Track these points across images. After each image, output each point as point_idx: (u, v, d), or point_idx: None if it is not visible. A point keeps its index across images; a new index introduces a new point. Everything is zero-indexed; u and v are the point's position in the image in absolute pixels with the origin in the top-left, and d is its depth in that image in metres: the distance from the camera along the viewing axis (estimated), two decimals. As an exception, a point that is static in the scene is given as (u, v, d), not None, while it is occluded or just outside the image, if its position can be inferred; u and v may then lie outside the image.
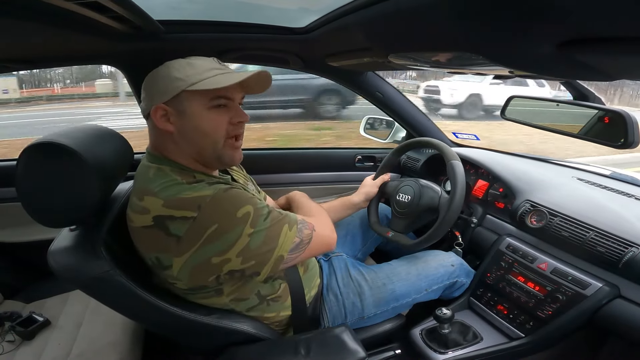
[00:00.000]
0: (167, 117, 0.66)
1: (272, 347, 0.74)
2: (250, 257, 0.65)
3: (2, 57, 0.93)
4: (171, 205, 0.61)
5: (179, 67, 0.65)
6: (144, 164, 0.70)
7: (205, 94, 0.65)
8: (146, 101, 0.67)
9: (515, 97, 1.09)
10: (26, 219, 0.63)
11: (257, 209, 0.65)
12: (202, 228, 0.60)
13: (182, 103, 0.65)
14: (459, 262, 1.06)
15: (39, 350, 0.90)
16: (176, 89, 0.64)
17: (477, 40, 0.52)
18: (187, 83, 0.63)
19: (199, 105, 0.65)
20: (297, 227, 0.71)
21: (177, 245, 0.61)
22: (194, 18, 1.01)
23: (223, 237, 0.61)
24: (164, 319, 0.67)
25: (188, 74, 0.64)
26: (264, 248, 0.65)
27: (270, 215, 0.67)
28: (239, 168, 0.93)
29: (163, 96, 0.65)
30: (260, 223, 0.65)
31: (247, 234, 0.63)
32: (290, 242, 0.69)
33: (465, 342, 0.96)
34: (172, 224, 0.60)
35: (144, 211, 0.63)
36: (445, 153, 1.03)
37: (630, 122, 0.79)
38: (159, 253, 0.64)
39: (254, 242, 0.64)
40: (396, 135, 1.61)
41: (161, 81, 0.65)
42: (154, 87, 0.66)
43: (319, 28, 0.93)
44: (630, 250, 0.79)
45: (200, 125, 0.66)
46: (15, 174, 0.58)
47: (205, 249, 0.61)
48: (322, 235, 0.78)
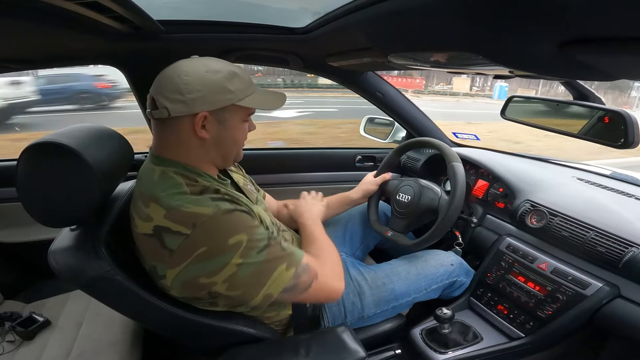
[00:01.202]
0: (203, 124, 0.65)
1: (272, 347, 0.74)
2: (236, 286, 0.63)
3: (1, 57, 0.93)
4: (171, 218, 0.60)
5: (230, 78, 0.64)
6: (148, 167, 0.68)
7: (246, 109, 0.69)
8: (180, 104, 0.62)
9: (515, 97, 1.09)
10: (26, 219, 0.63)
11: (253, 240, 0.62)
12: (192, 247, 0.59)
13: (225, 114, 0.66)
14: (458, 262, 1.06)
15: (39, 351, 0.90)
16: (227, 101, 0.65)
17: (477, 40, 0.52)
18: (238, 97, 0.66)
19: (239, 118, 0.69)
20: (296, 271, 0.67)
21: (169, 258, 0.61)
22: (194, 18, 1.02)
23: (210, 260, 0.60)
24: (164, 319, 0.67)
25: (238, 87, 0.66)
26: (252, 281, 0.63)
27: (267, 249, 0.64)
28: (237, 169, 0.93)
29: (211, 105, 0.63)
30: (252, 255, 0.62)
31: (235, 263, 0.61)
32: (283, 283, 0.65)
33: (465, 342, 0.96)
34: (167, 236, 0.60)
35: (147, 219, 0.62)
36: (446, 154, 1.03)
37: (631, 122, 0.79)
38: (155, 262, 0.64)
39: (242, 272, 0.61)
40: (396, 135, 1.61)
41: (212, 89, 0.63)
42: (200, 93, 0.62)
43: (319, 28, 0.93)
44: (630, 250, 0.79)
45: (236, 135, 0.70)
46: (16, 174, 0.58)
47: (194, 268, 0.61)
48: (324, 285, 0.72)
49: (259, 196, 0.91)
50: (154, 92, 0.64)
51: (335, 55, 1.05)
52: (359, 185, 1.18)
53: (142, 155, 1.34)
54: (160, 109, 0.62)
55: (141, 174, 0.70)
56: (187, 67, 0.63)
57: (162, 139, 0.67)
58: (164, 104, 0.62)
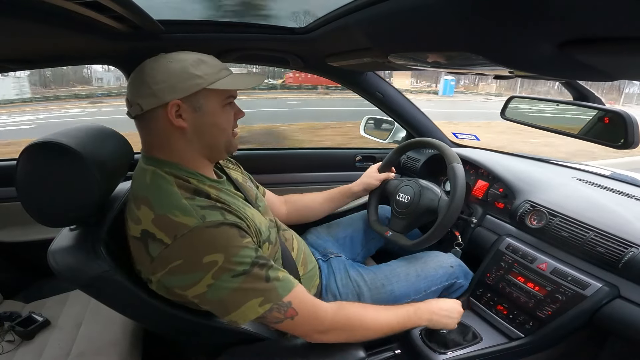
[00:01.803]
0: (179, 114, 0.64)
1: (271, 347, 0.73)
2: (205, 304, 0.62)
3: (1, 57, 0.93)
4: (158, 224, 0.60)
5: (194, 64, 0.64)
6: (140, 167, 0.68)
7: (221, 93, 0.67)
8: (149, 97, 0.62)
9: (515, 97, 1.09)
10: (26, 219, 0.63)
11: (230, 262, 0.58)
12: (169, 258, 0.59)
13: (199, 100, 0.65)
14: (457, 264, 1.06)
15: (39, 350, 0.90)
16: (197, 86, 0.63)
17: (477, 40, 0.52)
18: (207, 81, 0.64)
19: (216, 103, 0.67)
20: (271, 307, 0.62)
21: (150, 265, 0.61)
22: (194, 18, 1.01)
23: (184, 276, 0.59)
24: (163, 319, 0.67)
25: (207, 72, 0.65)
26: (219, 305, 0.61)
27: (244, 276, 0.59)
28: (235, 166, 0.93)
29: (180, 93, 0.63)
30: (225, 279, 0.58)
31: (206, 284, 0.58)
32: (252, 315, 0.61)
33: (465, 342, 0.96)
34: (151, 242, 0.60)
35: (137, 221, 0.62)
36: (446, 155, 1.03)
37: (630, 122, 0.79)
38: (140, 266, 0.64)
39: (210, 294, 0.59)
40: (396, 135, 1.61)
41: (177, 77, 0.62)
42: (165, 83, 0.62)
43: (319, 28, 0.93)
44: (630, 250, 0.79)
45: (217, 121, 0.69)
46: (15, 173, 0.58)
47: (169, 279, 0.60)
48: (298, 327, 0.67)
49: (258, 193, 0.90)
50: (128, 95, 0.66)
51: (335, 55, 1.05)
52: (362, 177, 1.18)
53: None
54: (134, 105, 0.64)
55: (134, 175, 0.70)
56: (152, 62, 0.65)
57: (147, 138, 0.68)
58: (136, 100, 0.63)
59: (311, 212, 1.14)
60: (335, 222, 1.21)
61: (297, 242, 0.94)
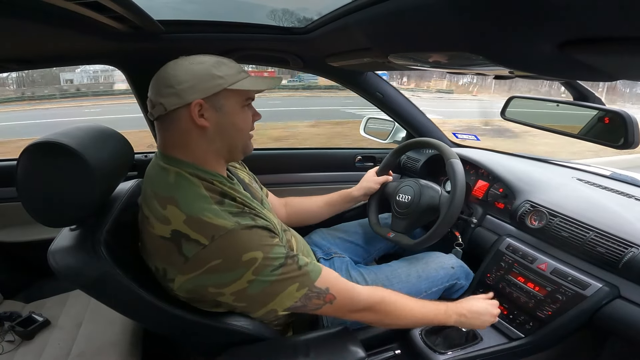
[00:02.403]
0: (201, 113, 0.66)
1: (271, 347, 0.73)
2: (243, 299, 0.65)
3: (1, 57, 0.93)
4: (191, 224, 0.61)
5: (216, 65, 0.66)
6: (159, 165, 0.68)
7: (241, 93, 0.70)
8: (173, 97, 0.64)
9: (515, 97, 1.09)
10: (26, 219, 0.63)
11: (268, 258, 0.62)
12: (207, 258, 0.60)
13: (220, 100, 0.67)
14: (458, 264, 1.06)
15: (39, 350, 0.90)
16: (218, 86, 0.66)
17: (477, 40, 0.52)
18: (228, 82, 0.66)
19: (236, 103, 0.70)
20: (308, 293, 0.67)
21: (183, 265, 0.61)
22: (194, 18, 1.01)
23: (223, 274, 0.61)
24: (164, 319, 0.67)
25: (227, 73, 0.67)
26: (259, 298, 0.65)
27: (282, 268, 0.64)
28: (241, 166, 0.94)
29: (202, 93, 0.65)
30: (266, 273, 0.63)
31: (247, 280, 0.62)
32: (290, 301, 0.66)
33: (465, 342, 0.96)
34: (186, 243, 0.61)
35: (165, 221, 0.62)
36: (443, 152, 1.03)
37: (630, 122, 0.79)
38: (166, 265, 0.64)
39: (251, 289, 0.63)
40: (396, 135, 1.61)
41: (199, 77, 0.65)
42: (188, 83, 0.64)
43: (319, 28, 0.93)
44: (630, 250, 0.79)
45: (237, 121, 0.71)
46: (15, 173, 0.58)
47: (205, 278, 0.62)
48: (337, 310, 0.72)
49: (262, 194, 0.91)
50: (150, 95, 0.67)
51: (335, 55, 1.05)
52: (360, 182, 1.18)
53: (142, 155, 1.34)
54: (157, 106, 0.65)
55: (151, 173, 0.70)
56: (174, 64, 0.67)
57: (167, 137, 0.69)
58: (159, 100, 0.65)
59: (311, 215, 1.14)
60: (342, 226, 1.22)
61: (297, 242, 0.94)
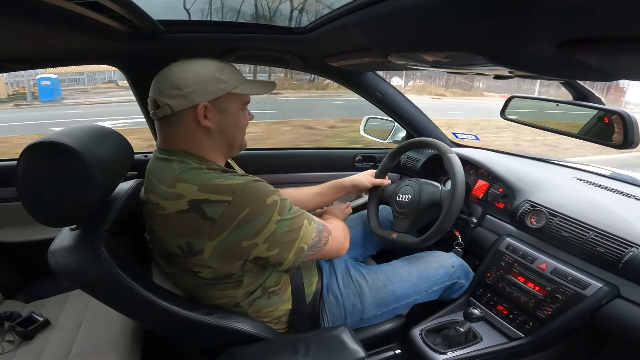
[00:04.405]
0: (205, 114, 0.70)
1: (272, 346, 0.74)
2: (275, 244, 0.68)
3: (1, 57, 0.93)
4: (207, 190, 0.64)
5: (220, 69, 0.71)
6: (162, 157, 0.71)
7: (241, 97, 0.75)
8: (180, 99, 0.68)
9: (515, 97, 1.09)
10: (26, 219, 0.63)
11: (282, 200, 0.70)
12: (235, 211, 0.64)
13: (223, 103, 0.72)
14: (459, 263, 1.06)
15: (39, 350, 0.90)
16: (223, 90, 0.70)
17: (477, 40, 0.52)
18: (231, 86, 0.71)
19: (237, 106, 0.75)
20: (316, 226, 0.76)
21: (211, 229, 0.64)
22: (194, 18, 1.01)
23: (253, 221, 0.65)
24: (164, 318, 0.67)
25: (230, 77, 0.72)
26: (288, 237, 0.69)
27: (292, 207, 0.72)
28: (233, 164, 0.94)
29: (208, 95, 0.69)
30: (286, 212, 0.69)
31: (275, 220, 0.67)
32: (310, 235, 0.73)
33: (465, 342, 0.96)
34: (208, 207, 0.63)
35: (178, 197, 0.65)
36: (439, 148, 1.03)
37: (630, 122, 0.79)
38: (191, 238, 0.66)
39: (280, 229, 0.68)
40: (396, 135, 1.61)
41: (206, 80, 0.68)
42: (196, 85, 0.68)
43: (319, 28, 0.93)
44: (630, 250, 0.79)
45: (238, 122, 0.76)
46: (15, 173, 0.58)
47: (237, 232, 0.65)
48: (336, 242, 0.83)
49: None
50: (154, 94, 0.69)
51: (335, 55, 1.05)
52: (355, 175, 1.17)
53: (142, 155, 1.34)
54: (163, 107, 0.68)
55: (154, 166, 0.72)
56: (181, 66, 0.70)
57: (171, 135, 0.72)
58: (166, 101, 0.67)
59: (302, 205, 1.13)
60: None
61: None
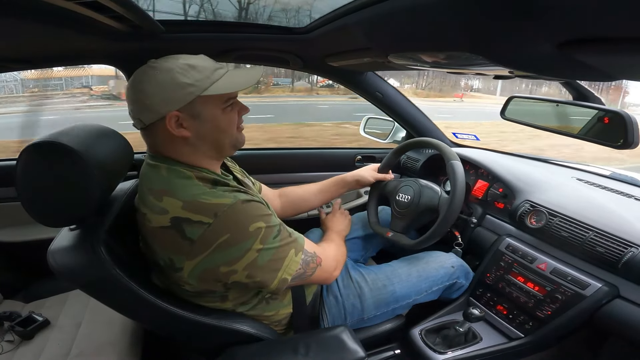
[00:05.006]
0: (179, 123, 0.64)
1: (271, 347, 0.74)
2: (256, 273, 0.65)
3: (1, 57, 0.93)
4: (190, 208, 0.61)
5: (183, 72, 0.62)
6: (151, 164, 0.68)
7: (219, 97, 0.66)
8: (146, 112, 0.63)
9: (515, 97, 1.09)
10: (26, 219, 0.63)
11: (269, 227, 0.65)
12: (214, 236, 0.60)
13: (196, 108, 0.64)
14: (459, 264, 1.06)
15: (38, 350, 0.90)
16: (189, 95, 0.62)
17: (477, 40, 0.52)
18: (200, 89, 0.63)
19: (214, 108, 0.67)
20: (303, 258, 0.71)
21: (190, 249, 0.61)
22: (194, 18, 1.01)
23: (232, 248, 0.62)
24: (164, 319, 0.67)
25: (197, 78, 0.63)
26: (271, 266, 0.66)
27: (280, 234, 0.67)
28: (233, 163, 0.93)
29: (175, 104, 0.62)
30: (270, 241, 0.65)
31: (256, 249, 0.63)
32: (294, 267, 0.69)
33: (465, 342, 0.96)
34: (188, 226, 0.61)
35: (162, 212, 0.63)
36: (445, 153, 1.03)
37: (630, 122, 0.79)
38: (172, 254, 0.64)
39: (262, 258, 0.64)
40: (396, 135, 1.61)
41: (167, 89, 0.61)
42: (157, 96, 0.61)
43: (319, 28, 0.93)
44: (629, 250, 0.79)
45: (219, 125, 0.68)
46: (15, 173, 0.58)
47: (214, 257, 0.62)
48: (325, 272, 0.79)
49: (255, 189, 0.91)
50: (129, 110, 0.67)
51: (335, 55, 1.05)
52: (358, 170, 1.17)
53: (142, 155, 1.33)
54: (135, 120, 0.66)
55: (145, 171, 0.70)
56: (141, 75, 0.63)
57: (153, 144, 0.69)
58: (137, 116, 0.65)
59: (305, 203, 1.13)
60: None
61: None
